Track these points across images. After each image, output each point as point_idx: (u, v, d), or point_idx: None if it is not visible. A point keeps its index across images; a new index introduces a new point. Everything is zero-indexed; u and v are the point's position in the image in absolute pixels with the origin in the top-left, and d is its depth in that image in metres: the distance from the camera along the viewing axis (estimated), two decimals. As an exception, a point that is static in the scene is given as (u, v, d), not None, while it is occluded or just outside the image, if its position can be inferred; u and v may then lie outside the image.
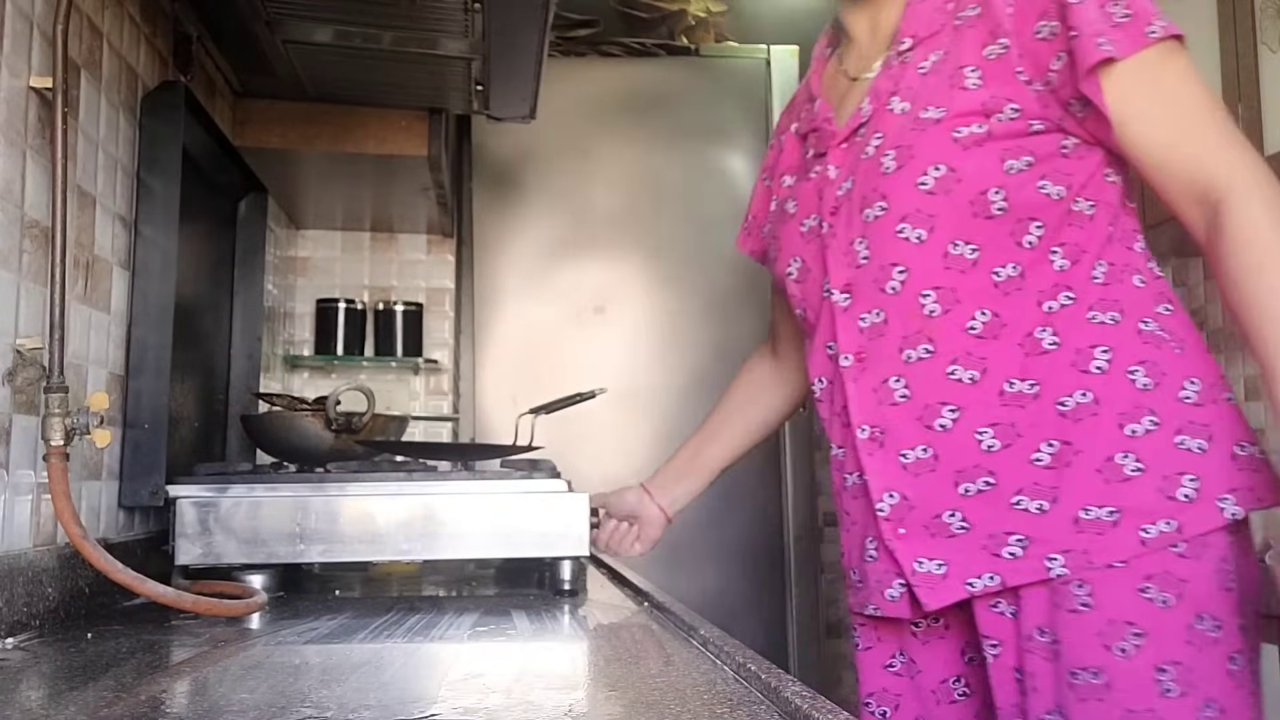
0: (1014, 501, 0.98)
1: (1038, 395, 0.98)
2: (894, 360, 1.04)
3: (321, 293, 2.70)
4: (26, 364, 1.05)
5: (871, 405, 1.06)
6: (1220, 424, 0.95)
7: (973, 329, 1.00)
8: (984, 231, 1.00)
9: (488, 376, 2.77)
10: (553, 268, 2.79)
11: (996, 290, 1.00)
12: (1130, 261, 1.02)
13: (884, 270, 1.04)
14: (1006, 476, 0.99)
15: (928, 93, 1.04)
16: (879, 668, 1.13)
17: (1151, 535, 0.91)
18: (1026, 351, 1.00)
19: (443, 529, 1.31)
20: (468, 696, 0.75)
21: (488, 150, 2.82)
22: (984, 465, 1.00)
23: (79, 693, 0.78)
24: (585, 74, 2.87)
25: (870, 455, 1.06)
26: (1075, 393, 0.97)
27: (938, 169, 1.00)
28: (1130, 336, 0.98)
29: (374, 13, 1.51)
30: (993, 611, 1.01)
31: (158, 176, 1.39)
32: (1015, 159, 0.99)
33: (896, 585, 1.05)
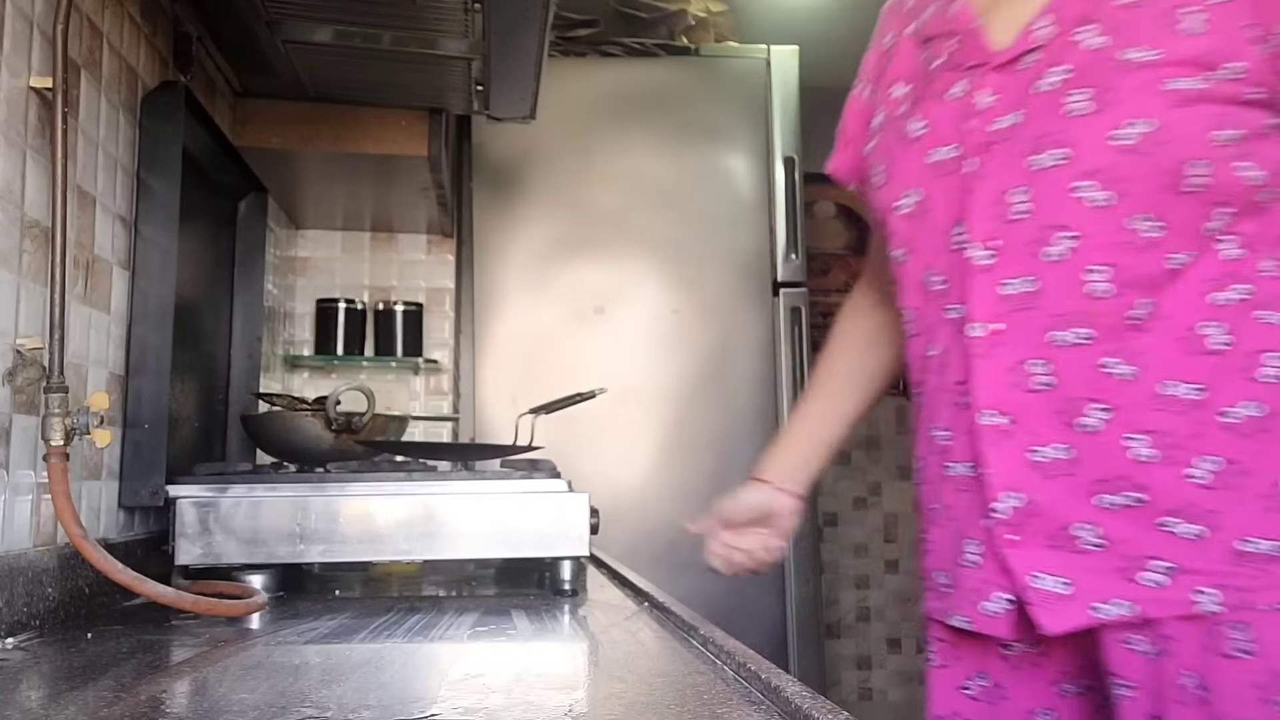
0: (1161, 522, 0.85)
1: (1200, 402, 0.85)
2: (1038, 340, 0.89)
3: (321, 293, 2.70)
4: (26, 364, 1.05)
5: (1004, 388, 0.90)
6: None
7: (1132, 319, 0.87)
8: (1174, 208, 0.86)
9: (488, 376, 2.77)
10: (553, 268, 2.79)
11: (1164, 276, 0.87)
12: None
13: (1046, 231, 0.88)
14: (1159, 492, 0.85)
15: (1135, 28, 0.87)
16: (953, 688, 0.99)
17: (1231, 583, 0.81)
18: (1188, 349, 0.86)
19: (443, 529, 1.31)
20: (468, 696, 0.75)
21: (488, 150, 2.82)
22: (1132, 476, 0.86)
23: (79, 693, 0.78)
24: (585, 74, 2.87)
25: (993, 446, 0.91)
26: (1239, 403, 0.85)
27: (1147, 124, 0.84)
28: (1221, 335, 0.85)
29: (374, 13, 1.51)
30: (1126, 648, 0.87)
31: (158, 176, 1.39)
32: (1225, 130, 0.84)
33: (999, 599, 0.91)
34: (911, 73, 1.04)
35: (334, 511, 1.29)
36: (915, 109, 1.01)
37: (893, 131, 1.03)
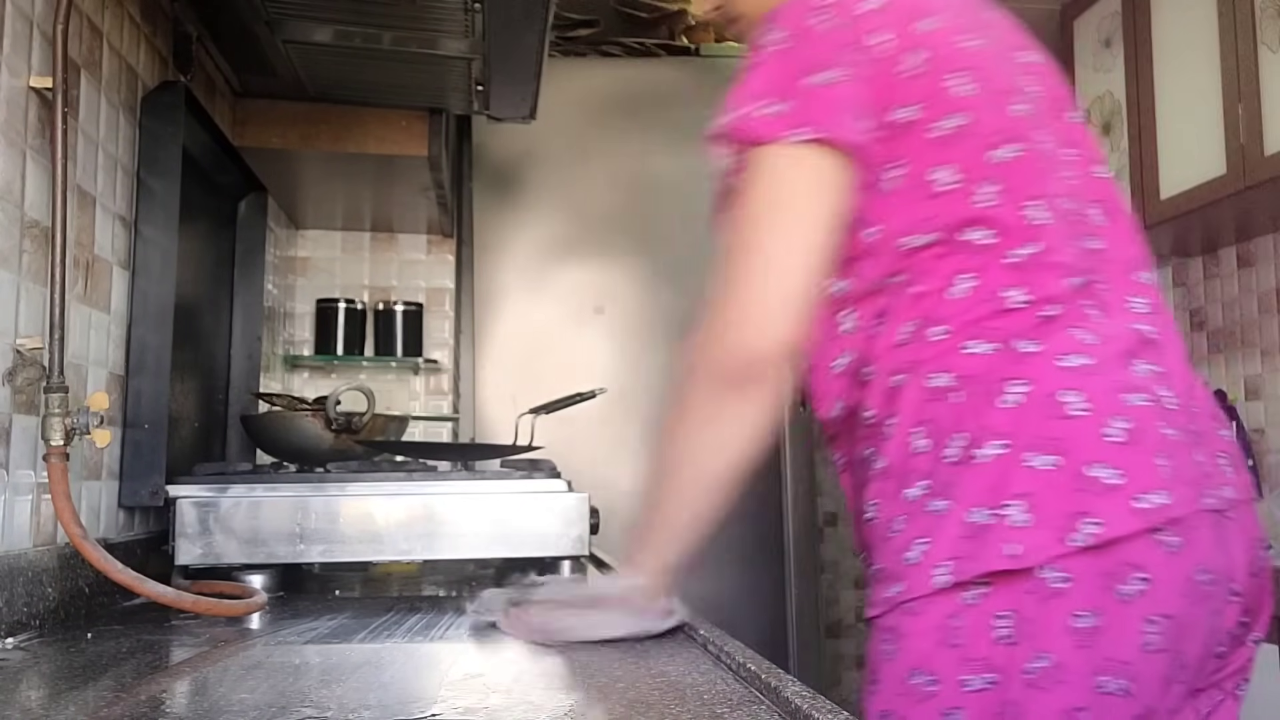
0: (860, 555, 1.00)
1: (862, 461, 0.98)
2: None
3: (321, 293, 2.70)
4: (26, 364, 1.05)
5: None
6: (965, 485, 0.87)
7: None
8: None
9: (488, 376, 2.77)
10: (553, 268, 2.79)
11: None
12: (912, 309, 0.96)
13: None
14: (857, 532, 1.01)
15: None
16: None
17: (889, 595, 0.90)
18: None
19: (443, 529, 1.31)
20: (468, 696, 0.75)
21: (488, 150, 2.82)
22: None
23: (79, 693, 0.78)
24: (585, 74, 2.87)
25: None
26: (865, 451, 0.96)
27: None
28: (917, 393, 0.92)
29: (374, 13, 1.51)
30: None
31: (158, 176, 1.39)
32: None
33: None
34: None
35: (334, 511, 1.29)
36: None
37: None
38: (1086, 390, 0.88)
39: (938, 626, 0.86)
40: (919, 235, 0.93)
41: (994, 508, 0.85)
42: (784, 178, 0.93)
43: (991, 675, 0.84)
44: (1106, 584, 0.84)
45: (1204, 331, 2.64)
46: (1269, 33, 2.03)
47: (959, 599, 0.85)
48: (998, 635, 0.84)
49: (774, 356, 0.93)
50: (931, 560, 0.87)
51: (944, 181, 0.93)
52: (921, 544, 0.88)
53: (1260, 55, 2.04)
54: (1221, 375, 2.56)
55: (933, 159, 0.93)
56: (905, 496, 0.91)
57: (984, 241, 0.92)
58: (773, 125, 0.93)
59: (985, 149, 0.93)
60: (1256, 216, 2.31)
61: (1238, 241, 2.52)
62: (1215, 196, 2.16)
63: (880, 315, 0.95)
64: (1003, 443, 0.87)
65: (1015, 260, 0.92)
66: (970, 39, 0.98)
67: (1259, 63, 2.05)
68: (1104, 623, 0.83)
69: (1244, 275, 2.51)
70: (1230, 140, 2.11)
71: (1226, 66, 2.12)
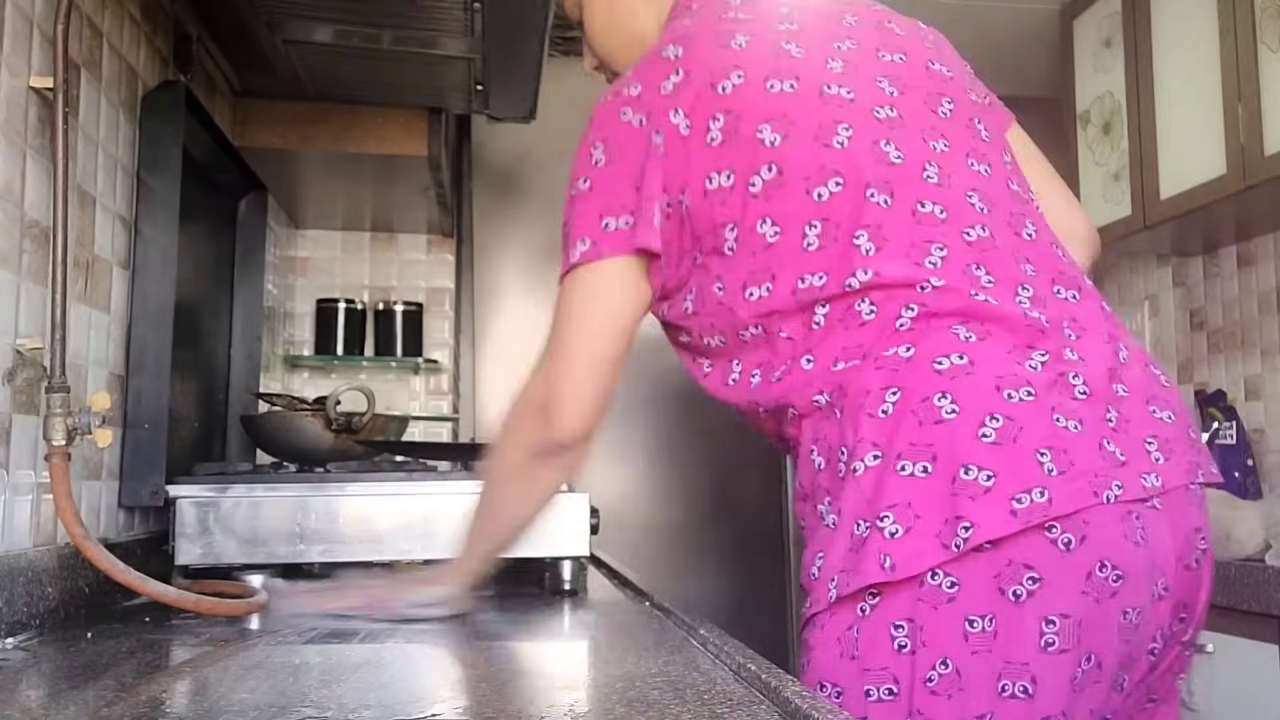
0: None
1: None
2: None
3: (321, 293, 2.70)
4: (27, 364, 1.05)
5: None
6: (848, 498, 0.88)
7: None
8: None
9: (488, 376, 2.77)
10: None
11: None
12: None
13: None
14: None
15: None
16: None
17: (804, 610, 0.93)
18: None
19: (443, 529, 1.31)
20: (468, 696, 0.75)
21: (488, 150, 2.82)
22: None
23: (79, 693, 0.78)
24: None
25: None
26: (797, 475, 1.01)
27: None
28: (810, 415, 0.96)
29: (374, 13, 1.51)
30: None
31: (158, 176, 1.39)
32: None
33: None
34: None
35: (334, 511, 1.29)
36: None
37: None
38: (956, 392, 0.86)
39: (838, 639, 0.88)
40: (757, 287, 0.97)
41: (871, 519, 0.86)
42: (580, 290, 1.05)
43: (892, 685, 0.84)
44: (997, 585, 0.82)
45: (1204, 331, 2.64)
46: (1269, 33, 2.03)
47: (855, 610, 0.87)
48: (897, 645, 0.84)
49: (587, 430, 1.04)
50: (826, 574, 0.89)
51: (770, 234, 0.95)
52: (820, 559, 0.91)
53: (1260, 55, 2.04)
54: (1221, 375, 2.56)
55: (756, 213, 0.96)
56: (817, 514, 0.94)
57: (818, 284, 0.94)
58: (621, 240, 1.00)
59: (805, 192, 0.95)
60: (1256, 216, 2.31)
61: (1238, 241, 2.51)
62: (1215, 196, 2.16)
63: (760, 365, 1.00)
64: (876, 453, 0.87)
65: (854, 285, 0.93)
66: (780, 82, 0.98)
67: (1259, 63, 2.04)
68: (999, 625, 0.82)
69: (1244, 275, 2.51)
70: (1230, 140, 2.11)
71: (1226, 66, 2.12)
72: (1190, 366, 2.68)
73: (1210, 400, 2.45)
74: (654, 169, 0.98)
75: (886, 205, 0.94)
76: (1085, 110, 2.62)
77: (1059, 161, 2.98)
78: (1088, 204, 2.59)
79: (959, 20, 2.75)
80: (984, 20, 2.77)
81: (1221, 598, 1.77)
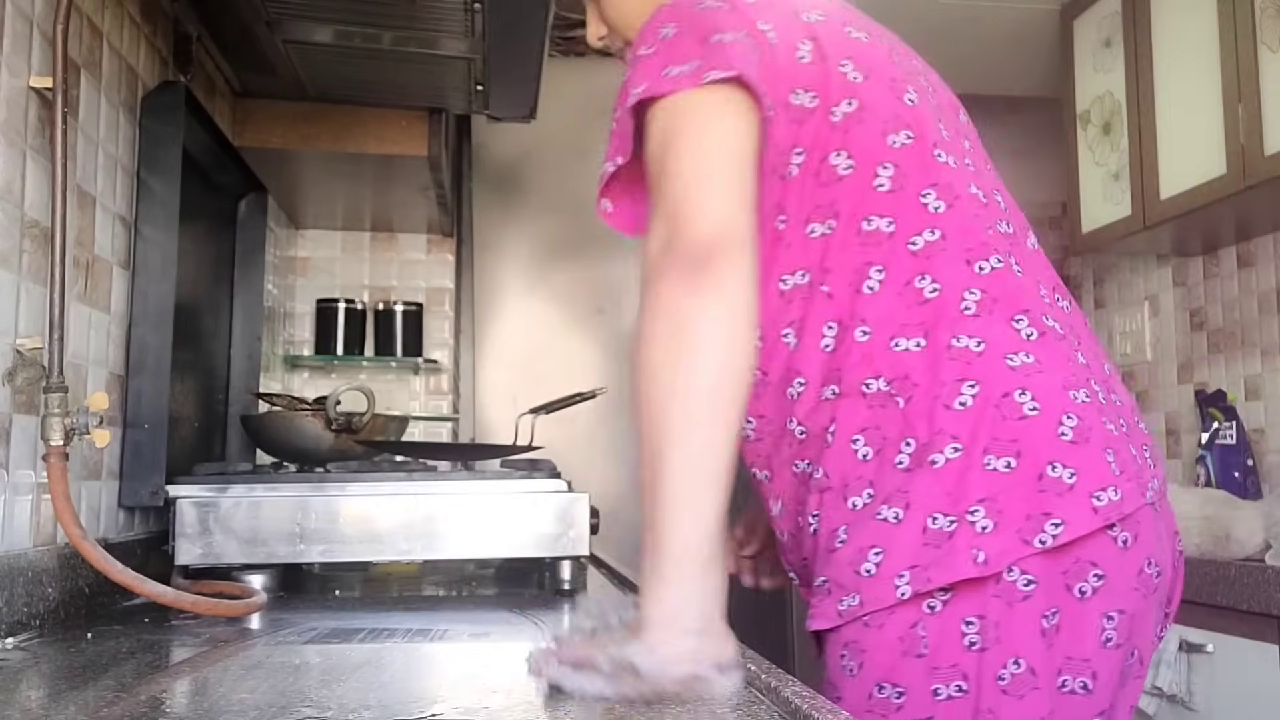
0: (802, 564, 0.97)
1: (806, 474, 0.93)
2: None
3: (321, 293, 2.70)
4: (26, 364, 1.05)
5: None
6: (921, 491, 0.85)
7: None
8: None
9: (488, 376, 2.77)
10: (553, 268, 2.79)
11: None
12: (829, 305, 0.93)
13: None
14: (792, 544, 0.98)
15: None
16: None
17: (844, 609, 0.87)
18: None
19: (443, 529, 1.31)
20: (468, 696, 0.75)
21: (488, 150, 2.82)
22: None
23: (79, 693, 0.78)
24: (585, 74, 2.87)
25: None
26: (801, 464, 0.93)
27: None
28: (855, 400, 0.89)
29: (374, 13, 1.51)
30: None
31: (158, 176, 1.39)
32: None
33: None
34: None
35: (334, 511, 1.29)
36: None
37: None
38: (1033, 389, 0.86)
39: (900, 638, 0.85)
40: (819, 223, 0.91)
41: (956, 513, 0.84)
42: (692, 110, 0.86)
43: (961, 683, 0.83)
44: (1065, 583, 0.84)
45: (1204, 331, 2.64)
46: (1269, 33, 2.03)
47: (921, 607, 0.84)
48: (967, 642, 0.84)
49: (730, 230, 0.82)
50: (890, 571, 0.85)
51: (843, 167, 0.91)
52: (876, 554, 0.86)
53: (1260, 55, 2.04)
54: (1221, 375, 2.56)
55: (832, 144, 0.91)
56: (849, 506, 0.88)
57: (885, 230, 0.90)
58: (680, 80, 0.86)
59: (881, 134, 0.92)
60: (1256, 216, 2.31)
61: (1238, 241, 2.51)
62: (1215, 196, 2.16)
63: (794, 325, 0.92)
64: (956, 445, 0.85)
65: (917, 247, 0.90)
66: (856, 30, 0.98)
67: (1259, 63, 2.04)
68: (1062, 621, 0.84)
69: (1244, 275, 2.51)
70: (1230, 140, 2.11)
71: (1226, 66, 2.12)
72: (1190, 366, 2.68)
73: (1210, 400, 2.45)
74: (753, 44, 0.89)
75: (953, 167, 0.94)
76: (1085, 110, 2.61)
77: (1059, 161, 2.97)
78: (1088, 204, 2.59)
79: (959, 20, 2.75)
80: (984, 20, 2.77)
81: (1221, 598, 1.77)
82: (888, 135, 0.92)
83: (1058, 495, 0.84)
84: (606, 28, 1.15)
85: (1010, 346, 0.88)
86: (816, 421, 0.91)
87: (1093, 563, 0.84)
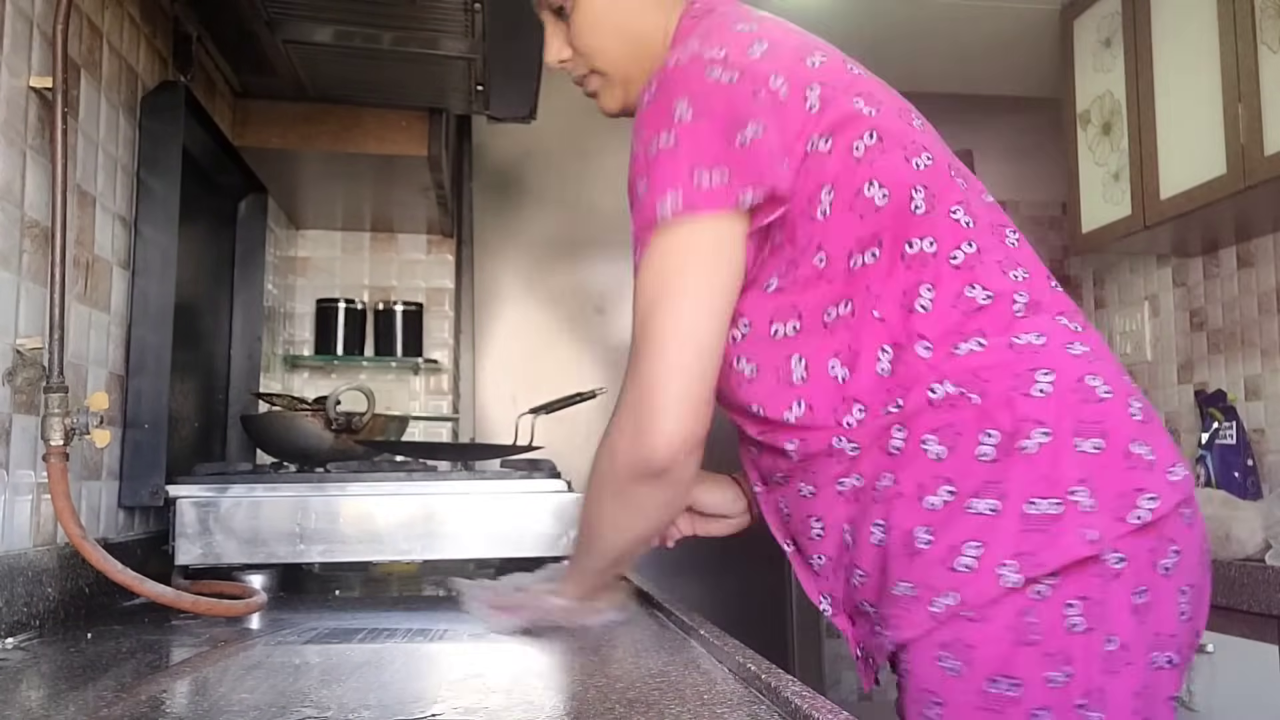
0: (851, 576, 0.96)
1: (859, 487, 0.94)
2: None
3: (321, 293, 2.70)
4: (26, 364, 1.05)
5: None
6: (1016, 478, 0.86)
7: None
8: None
9: (488, 376, 2.77)
10: (553, 268, 2.79)
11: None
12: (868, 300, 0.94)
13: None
14: (850, 557, 0.96)
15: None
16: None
17: (938, 610, 0.86)
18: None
19: (443, 529, 1.31)
20: (468, 696, 0.75)
21: (488, 150, 2.82)
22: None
23: (79, 693, 0.78)
24: (585, 74, 2.87)
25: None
26: (849, 480, 0.94)
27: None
28: (920, 409, 0.90)
29: (374, 13, 1.51)
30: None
31: (158, 176, 1.39)
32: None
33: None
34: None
35: (334, 511, 1.29)
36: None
37: None
38: (1101, 374, 0.90)
39: (1011, 627, 0.85)
40: (861, 253, 0.93)
41: (1059, 495, 0.85)
42: (700, 255, 0.91)
43: (1070, 668, 0.85)
44: (1152, 560, 0.87)
45: (1204, 331, 2.64)
46: (1269, 33, 2.03)
47: (1029, 593, 0.85)
48: (1069, 624, 0.85)
49: (687, 447, 0.92)
50: (992, 561, 0.85)
51: (879, 198, 0.93)
52: (974, 548, 0.85)
53: (1260, 55, 2.04)
54: (1221, 375, 2.56)
55: (859, 177, 0.93)
56: (926, 506, 0.88)
57: (929, 250, 0.93)
58: (714, 197, 0.90)
59: (905, 159, 0.95)
60: (1256, 216, 2.31)
61: (1238, 241, 2.51)
62: (1215, 196, 2.16)
63: (840, 355, 0.93)
64: (1045, 430, 0.87)
65: (958, 261, 0.93)
66: (854, 68, 1.01)
67: (1259, 63, 2.04)
68: (1152, 598, 0.87)
69: (1244, 275, 2.51)
70: (1230, 140, 2.11)
71: (1226, 66, 2.12)
72: (1190, 366, 2.68)
73: (1210, 400, 2.45)
74: (768, 120, 0.91)
75: (963, 188, 0.98)
76: (1085, 110, 2.61)
77: (1059, 161, 2.98)
78: (1088, 204, 2.59)
79: (959, 20, 2.75)
80: (984, 20, 2.77)
81: (1221, 598, 1.77)
82: (911, 159, 0.95)
83: (1145, 471, 0.87)
84: (571, 51, 1.12)
85: (1066, 338, 0.92)
86: (873, 437, 0.92)
87: (1171, 539, 0.88)
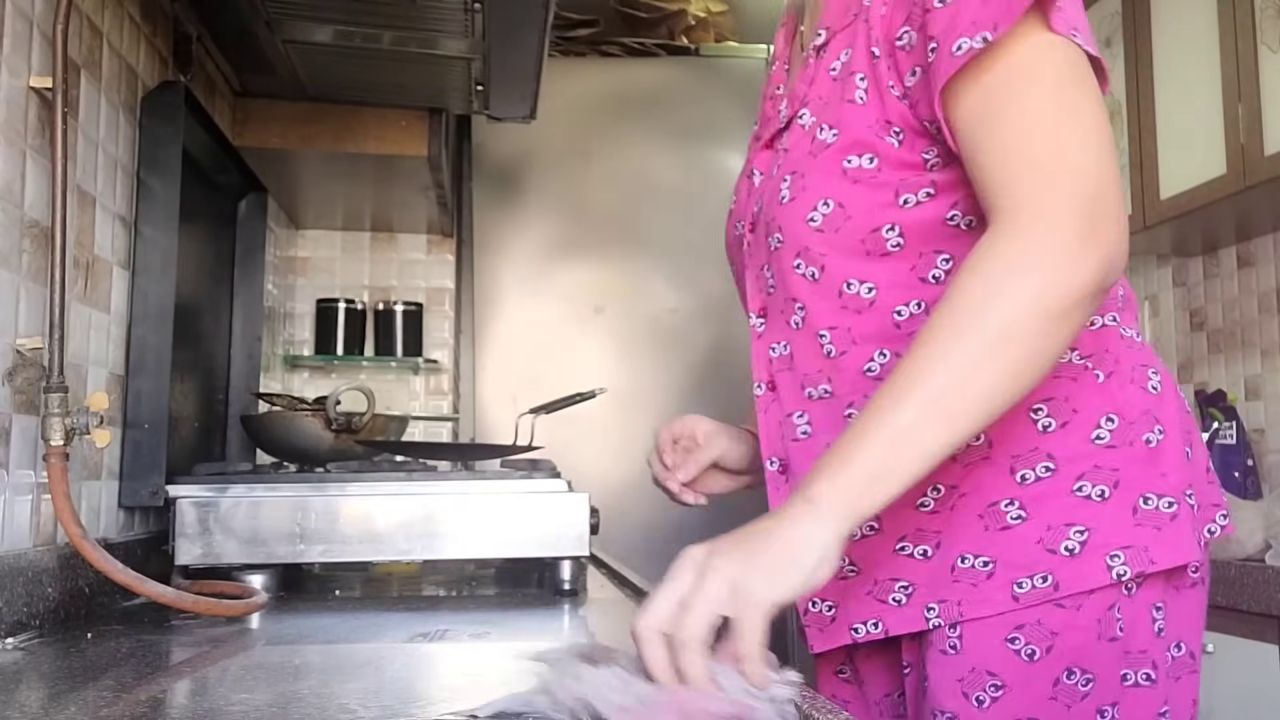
0: (898, 547, 0.89)
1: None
2: (799, 395, 0.95)
3: (321, 293, 2.70)
4: (26, 364, 1.05)
5: (777, 438, 0.98)
6: (1134, 470, 0.84)
7: (870, 371, 0.89)
8: (880, 270, 0.88)
9: (488, 376, 2.76)
10: (553, 268, 2.79)
11: (899, 331, 0.88)
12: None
13: (788, 303, 0.94)
14: (890, 521, 0.88)
15: (829, 104, 0.90)
16: (831, 674, 1.03)
17: (1024, 591, 0.83)
18: None
19: (443, 529, 1.31)
20: (468, 696, 0.75)
21: (488, 150, 2.82)
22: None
23: (79, 693, 0.78)
24: (585, 74, 2.87)
25: (776, 489, 0.99)
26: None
27: (826, 205, 0.88)
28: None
29: (374, 13, 1.51)
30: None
31: (158, 176, 1.39)
32: (912, 192, 0.85)
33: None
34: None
35: (334, 511, 1.29)
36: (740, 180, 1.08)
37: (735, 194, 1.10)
38: (1173, 385, 0.93)
39: (1098, 620, 0.83)
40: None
41: (1175, 495, 0.85)
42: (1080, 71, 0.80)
43: (1150, 670, 0.84)
44: (1205, 573, 0.90)
45: (1204, 331, 2.64)
46: (1269, 33, 2.03)
47: (1120, 590, 0.83)
48: (1156, 628, 0.85)
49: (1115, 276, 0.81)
50: (1099, 549, 0.82)
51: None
52: (1079, 532, 0.82)
53: (1260, 55, 2.04)
54: (1221, 375, 2.56)
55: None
56: (1017, 479, 0.84)
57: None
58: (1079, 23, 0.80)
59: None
60: (1256, 216, 2.31)
61: (1238, 241, 2.51)
62: (1215, 196, 2.16)
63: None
64: (1160, 428, 0.86)
65: None
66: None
67: (1259, 63, 2.04)
68: (1204, 608, 0.90)
69: (1244, 275, 2.51)
70: (1230, 140, 2.11)
71: (1226, 66, 2.12)
72: (1190, 366, 2.68)
73: (1210, 400, 2.45)
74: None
75: None
76: (1085, 110, 2.61)
77: (1059, 161, 2.91)
78: (1088, 204, 2.59)
79: (959, 20, 2.75)
80: (984, 20, 2.76)
81: (1221, 598, 1.77)
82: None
83: (1218, 489, 0.91)
84: None
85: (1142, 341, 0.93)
86: None
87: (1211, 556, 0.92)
